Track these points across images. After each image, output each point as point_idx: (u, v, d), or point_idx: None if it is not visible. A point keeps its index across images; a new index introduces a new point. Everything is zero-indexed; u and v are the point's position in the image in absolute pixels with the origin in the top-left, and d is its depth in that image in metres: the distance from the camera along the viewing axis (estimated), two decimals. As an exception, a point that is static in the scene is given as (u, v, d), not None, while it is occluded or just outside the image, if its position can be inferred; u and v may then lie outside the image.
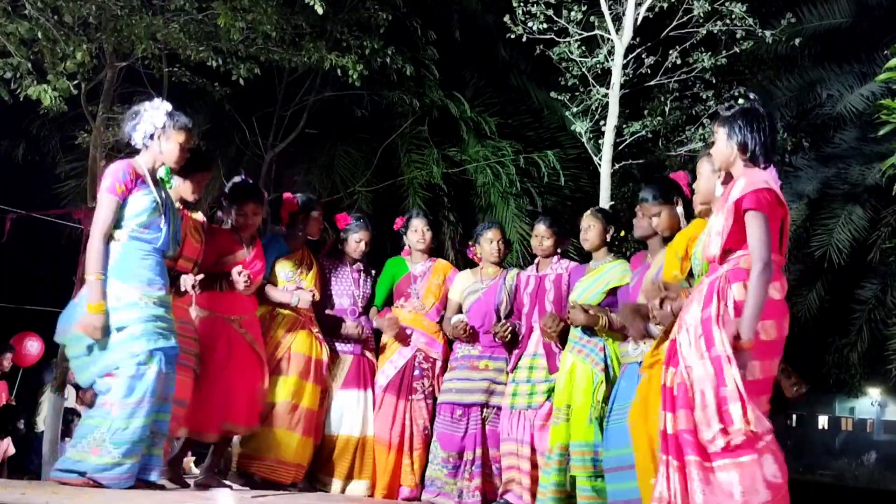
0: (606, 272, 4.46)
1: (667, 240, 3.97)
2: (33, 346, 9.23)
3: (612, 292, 4.39)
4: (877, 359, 11.67)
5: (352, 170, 9.30)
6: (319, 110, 8.98)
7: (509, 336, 4.72)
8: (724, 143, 3.17)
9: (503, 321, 4.77)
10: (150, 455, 3.67)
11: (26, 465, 7.60)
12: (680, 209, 3.95)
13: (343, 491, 4.70)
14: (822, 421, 35.71)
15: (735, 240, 3.06)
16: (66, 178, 9.22)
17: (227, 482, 4.39)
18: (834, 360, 13.14)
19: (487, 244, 4.94)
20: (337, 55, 7.00)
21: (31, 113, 8.25)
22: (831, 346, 12.96)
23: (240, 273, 4.17)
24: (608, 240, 4.53)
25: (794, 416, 33.69)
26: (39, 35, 5.62)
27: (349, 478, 4.73)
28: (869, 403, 32.17)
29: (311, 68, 7.66)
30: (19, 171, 9.96)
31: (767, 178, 3.07)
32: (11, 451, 7.67)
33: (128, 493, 3.55)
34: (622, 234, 4.64)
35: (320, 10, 5.91)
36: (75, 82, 5.91)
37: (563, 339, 4.55)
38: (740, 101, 3.24)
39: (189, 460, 6.17)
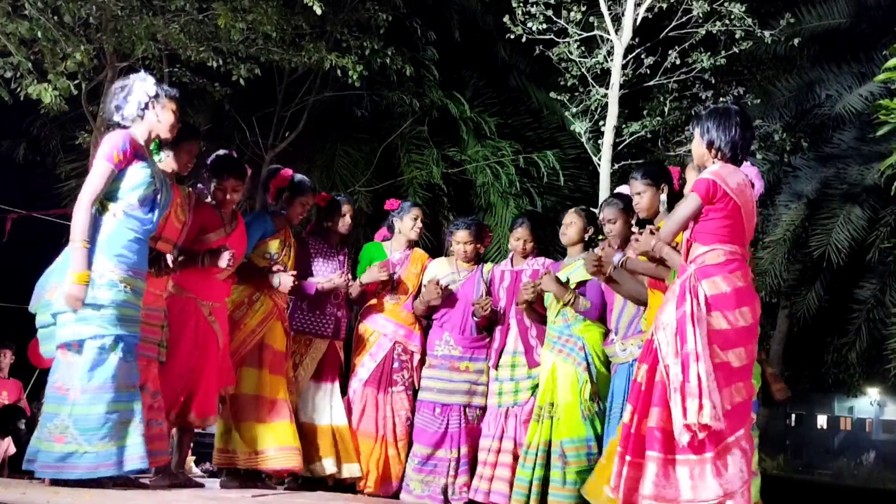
0: (578, 268, 4.55)
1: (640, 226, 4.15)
2: None
3: (580, 286, 4.48)
4: (875, 358, 11.70)
5: (352, 170, 9.31)
6: (319, 110, 8.99)
7: (489, 310, 4.74)
8: (697, 142, 3.41)
9: (484, 297, 4.81)
10: (124, 446, 3.52)
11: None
12: (664, 197, 4.08)
13: (339, 471, 4.67)
14: (821, 420, 35.75)
15: (696, 230, 3.26)
16: (67, 178, 9.24)
17: (201, 479, 4.38)
18: (833, 360, 13.18)
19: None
20: (337, 55, 7.01)
21: (32, 113, 8.27)
22: (830, 346, 13.00)
23: (226, 249, 4.06)
24: (586, 238, 4.64)
25: (794, 416, 33.73)
26: (39, 35, 5.63)
27: (338, 460, 4.70)
28: (868, 403, 32.18)
29: (311, 69, 7.68)
30: (19, 171, 9.96)
31: (730, 172, 3.26)
32: (12, 450, 7.66)
33: (128, 493, 3.53)
34: (600, 236, 4.72)
35: (319, 11, 5.92)
36: (76, 82, 5.92)
37: (540, 335, 4.64)
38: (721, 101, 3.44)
39: (189, 459, 6.18)
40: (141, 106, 3.68)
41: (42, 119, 8.76)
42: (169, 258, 3.86)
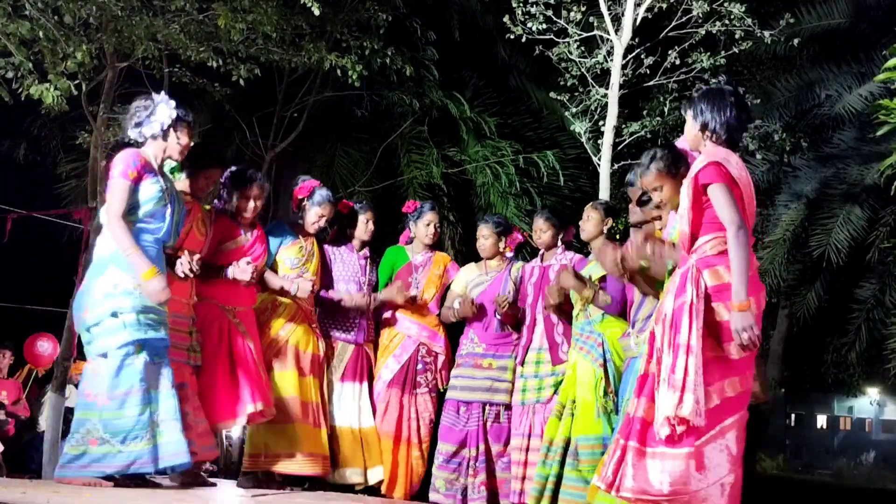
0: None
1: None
2: (45, 347, 9.07)
3: (602, 281, 4.49)
4: (875, 358, 11.68)
5: (352, 170, 9.31)
6: (319, 110, 8.99)
7: (507, 307, 4.76)
8: (690, 125, 3.27)
9: (510, 294, 4.83)
10: (157, 444, 3.68)
11: (27, 464, 7.60)
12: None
13: (365, 480, 4.71)
14: (821, 420, 35.77)
15: (697, 222, 3.13)
16: (67, 178, 9.25)
17: (213, 480, 4.40)
18: (832, 360, 13.17)
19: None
20: (337, 55, 7.01)
21: (32, 113, 8.27)
22: (830, 346, 12.98)
23: (248, 263, 4.22)
24: (605, 231, 4.63)
25: (793, 416, 33.75)
26: (40, 35, 5.64)
27: (364, 467, 4.73)
28: (867, 403, 32.19)
29: (310, 69, 7.67)
30: (20, 171, 9.97)
31: (726, 154, 3.11)
32: (-1, 447, 7.60)
33: (128, 492, 3.57)
34: (621, 227, 4.72)
35: (317, 12, 5.93)
36: (76, 82, 5.92)
37: (567, 332, 4.65)
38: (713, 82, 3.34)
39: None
40: (164, 127, 3.88)
41: (42, 119, 8.76)
42: (185, 262, 3.95)
